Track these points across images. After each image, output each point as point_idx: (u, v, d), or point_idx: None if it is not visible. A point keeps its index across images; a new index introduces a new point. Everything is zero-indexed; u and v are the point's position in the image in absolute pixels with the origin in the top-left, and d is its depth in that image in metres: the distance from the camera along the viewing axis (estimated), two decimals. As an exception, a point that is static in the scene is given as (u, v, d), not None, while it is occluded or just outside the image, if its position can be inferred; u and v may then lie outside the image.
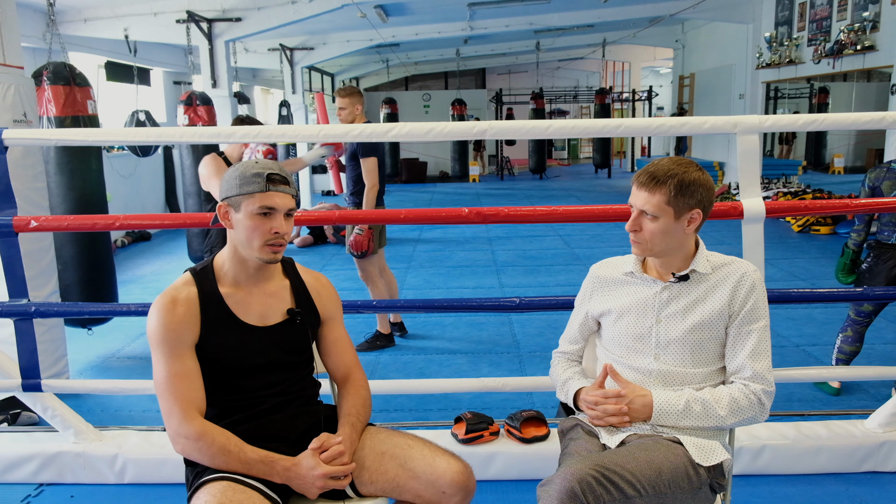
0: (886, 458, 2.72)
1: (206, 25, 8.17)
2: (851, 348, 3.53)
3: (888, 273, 3.31)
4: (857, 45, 8.30)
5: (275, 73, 13.67)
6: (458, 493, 1.68)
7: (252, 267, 1.77)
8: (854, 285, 3.48)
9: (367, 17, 9.48)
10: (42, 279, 3.46)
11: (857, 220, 3.43)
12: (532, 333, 4.75)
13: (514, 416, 2.78)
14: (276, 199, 1.70)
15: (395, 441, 1.78)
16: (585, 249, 7.78)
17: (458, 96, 16.20)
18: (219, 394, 1.74)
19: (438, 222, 2.89)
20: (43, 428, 3.03)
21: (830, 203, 3.10)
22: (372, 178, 4.17)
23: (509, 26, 11.70)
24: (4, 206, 2.54)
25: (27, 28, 6.94)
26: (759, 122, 2.49)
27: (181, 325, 1.68)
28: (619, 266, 1.92)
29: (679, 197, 1.72)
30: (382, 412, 3.46)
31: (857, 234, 3.44)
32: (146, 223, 2.84)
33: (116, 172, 9.07)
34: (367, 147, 4.15)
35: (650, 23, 12.75)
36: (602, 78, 22.47)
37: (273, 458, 1.64)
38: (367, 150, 4.16)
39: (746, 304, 1.76)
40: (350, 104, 4.16)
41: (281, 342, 1.79)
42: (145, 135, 4.45)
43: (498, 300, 2.77)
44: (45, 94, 3.89)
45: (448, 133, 2.51)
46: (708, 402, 1.72)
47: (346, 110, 4.17)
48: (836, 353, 3.58)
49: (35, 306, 2.60)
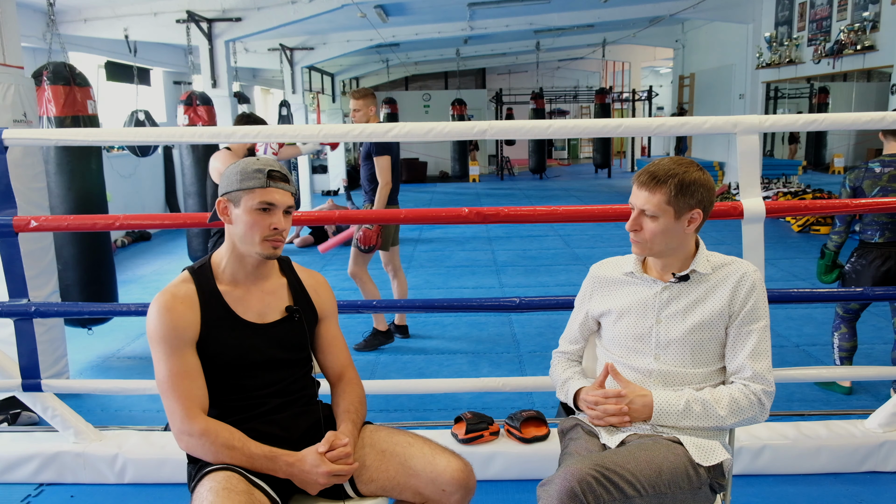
0: (886, 458, 2.72)
1: (206, 25, 8.17)
2: (849, 344, 3.55)
3: (875, 272, 3.33)
4: (857, 45, 8.30)
5: (275, 73, 13.67)
6: (459, 491, 1.68)
7: (250, 264, 1.78)
8: (839, 285, 3.51)
9: (367, 17, 9.48)
10: (42, 279, 3.46)
11: (838, 221, 3.43)
12: (532, 333, 4.75)
13: (514, 416, 2.78)
14: (276, 195, 1.71)
15: (396, 440, 1.78)
16: (585, 249, 7.78)
17: (458, 96, 16.21)
18: (220, 395, 1.74)
19: (438, 222, 2.89)
20: (43, 428, 3.03)
21: (830, 203, 3.10)
22: (385, 177, 4.26)
23: (509, 26, 11.70)
24: (4, 206, 2.54)
25: (27, 28, 6.94)
26: (759, 122, 2.49)
27: (181, 322, 1.68)
28: (619, 266, 1.92)
29: (679, 197, 1.72)
30: (382, 412, 3.46)
31: (837, 236, 3.45)
32: (146, 223, 2.84)
33: (116, 172, 9.07)
34: (380, 146, 4.24)
35: (650, 23, 12.75)
36: (602, 78, 22.47)
37: (277, 453, 1.65)
38: (381, 149, 4.25)
39: (746, 305, 1.76)
40: (364, 105, 4.23)
41: (280, 339, 1.79)
42: (145, 135, 4.44)
43: (498, 300, 2.78)
44: (45, 94, 3.89)
45: (448, 133, 2.51)
46: (708, 402, 1.72)
47: (360, 112, 4.25)
48: (836, 352, 3.58)
49: (35, 306, 2.60)
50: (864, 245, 3.40)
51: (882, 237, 3.32)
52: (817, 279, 3.62)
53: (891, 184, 3.25)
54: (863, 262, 3.37)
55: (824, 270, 3.55)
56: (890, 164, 3.28)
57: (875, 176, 3.29)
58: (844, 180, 3.40)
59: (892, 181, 3.26)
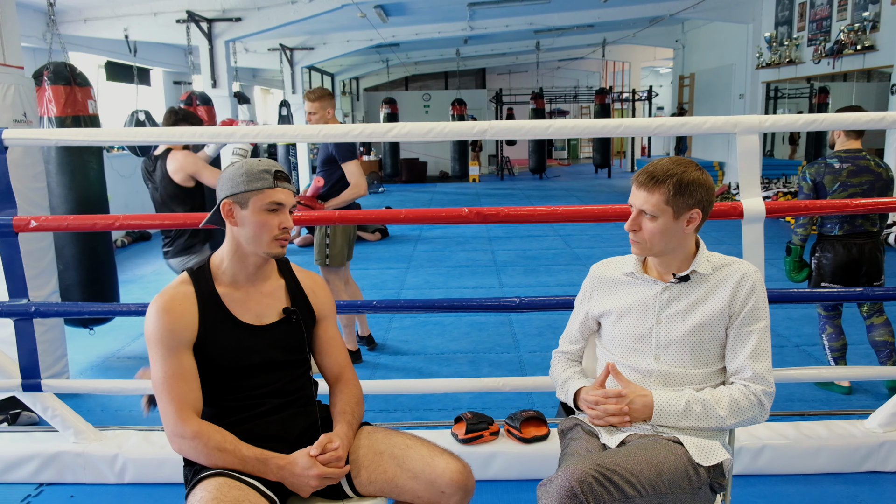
0: (886, 458, 2.72)
1: (206, 25, 8.17)
2: (838, 343, 3.58)
3: (836, 264, 3.40)
4: (857, 45, 8.31)
5: (275, 73, 13.68)
6: (457, 493, 1.68)
7: (252, 265, 1.78)
8: (808, 283, 3.57)
9: (367, 17, 9.49)
10: (42, 279, 3.46)
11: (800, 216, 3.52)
12: (532, 333, 4.75)
13: (514, 416, 2.78)
14: (283, 194, 1.73)
15: (394, 441, 1.78)
16: (585, 249, 7.78)
17: (458, 96, 16.21)
18: (218, 395, 1.74)
19: (438, 222, 2.89)
20: (43, 428, 3.03)
21: (830, 203, 3.10)
22: (360, 181, 3.87)
23: (509, 26, 11.71)
24: (4, 206, 2.54)
25: (27, 28, 6.95)
26: (759, 122, 2.49)
27: (178, 325, 1.68)
28: (619, 266, 1.92)
29: (678, 196, 1.72)
30: (382, 412, 3.46)
31: (802, 229, 3.54)
32: (146, 223, 2.84)
33: (116, 172, 9.07)
34: (345, 150, 3.84)
35: (650, 23, 12.75)
36: (602, 78, 22.48)
37: (267, 456, 1.65)
38: (347, 154, 3.85)
39: (747, 305, 1.76)
40: (321, 108, 3.87)
41: (278, 341, 1.79)
42: (145, 135, 4.44)
43: (498, 300, 2.77)
44: (46, 94, 3.89)
45: (448, 133, 2.51)
46: (708, 402, 1.72)
47: (316, 115, 3.88)
48: (828, 353, 3.61)
49: (35, 306, 2.60)
50: (823, 238, 3.48)
51: (841, 230, 3.41)
52: (787, 279, 3.66)
53: (850, 178, 3.37)
54: (828, 256, 3.44)
55: (794, 268, 3.60)
56: (847, 159, 3.40)
57: (835, 171, 3.39)
58: (805, 174, 3.48)
59: (851, 176, 3.37)
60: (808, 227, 3.54)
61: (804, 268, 3.58)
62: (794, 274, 3.61)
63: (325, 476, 1.64)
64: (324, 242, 4.04)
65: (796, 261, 3.59)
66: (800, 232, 3.54)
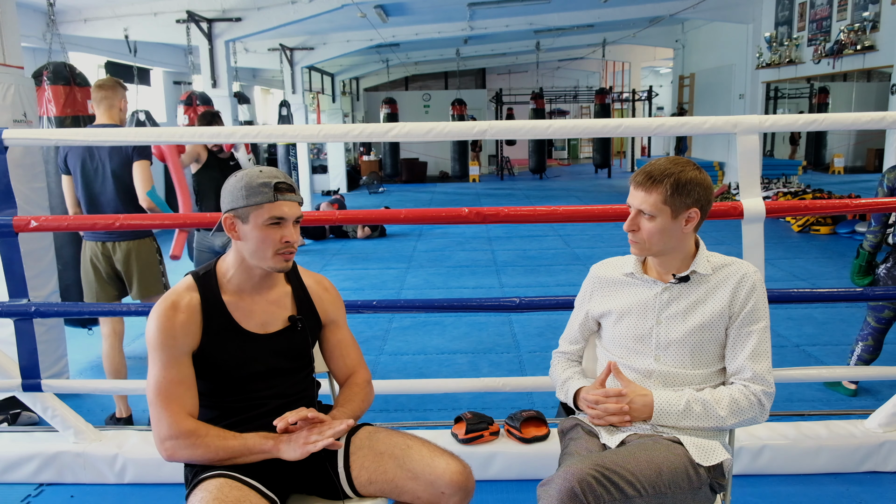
0: (886, 458, 2.72)
1: (206, 25, 8.18)
2: (871, 357, 3.46)
3: None
4: (857, 45, 8.30)
5: (275, 73, 13.68)
6: (457, 494, 1.68)
7: (258, 275, 1.76)
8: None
9: (367, 17, 9.49)
10: (42, 279, 3.46)
11: (874, 220, 3.32)
12: (532, 333, 4.75)
13: (514, 416, 2.78)
14: (285, 208, 1.68)
15: (394, 441, 1.77)
16: (585, 249, 7.78)
17: (458, 96, 16.21)
18: (219, 396, 1.74)
19: (438, 222, 2.89)
20: (43, 428, 3.03)
21: (830, 203, 3.09)
22: (148, 182, 3.23)
23: (509, 26, 11.71)
24: (4, 206, 2.54)
25: (27, 28, 6.94)
26: (759, 122, 2.49)
27: (181, 332, 1.67)
28: (619, 266, 1.92)
29: (676, 196, 1.72)
30: (382, 412, 3.46)
31: (872, 236, 3.33)
32: (146, 223, 2.83)
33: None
34: (140, 148, 3.24)
35: (650, 23, 12.76)
36: (602, 78, 22.47)
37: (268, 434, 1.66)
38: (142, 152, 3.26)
39: (747, 306, 1.76)
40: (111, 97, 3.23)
41: (282, 349, 1.79)
42: (145, 135, 4.44)
43: (498, 300, 2.77)
44: (46, 94, 3.89)
45: (448, 133, 2.50)
46: (708, 402, 1.72)
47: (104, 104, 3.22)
48: (853, 359, 3.50)
49: (35, 306, 2.60)
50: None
51: None
52: (850, 280, 3.50)
53: None
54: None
55: (859, 271, 3.42)
56: None
57: None
58: (883, 178, 3.25)
59: None
60: (880, 235, 3.30)
61: (870, 274, 3.40)
62: (858, 278, 3.43)
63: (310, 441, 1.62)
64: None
65: (862, 264, 3.40)
66: (870, 238, 3.34)
